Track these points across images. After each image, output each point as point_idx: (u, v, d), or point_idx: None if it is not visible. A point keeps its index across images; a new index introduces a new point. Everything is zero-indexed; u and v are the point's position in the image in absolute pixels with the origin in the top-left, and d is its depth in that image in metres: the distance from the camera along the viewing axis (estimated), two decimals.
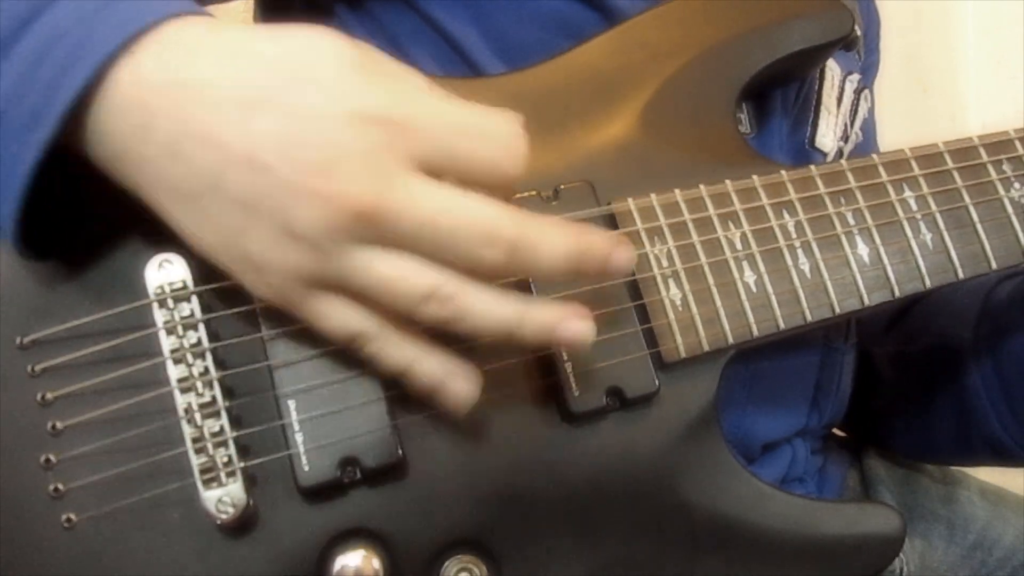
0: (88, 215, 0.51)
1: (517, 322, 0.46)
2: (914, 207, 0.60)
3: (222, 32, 0.45)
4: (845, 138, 0.76)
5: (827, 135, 0.73)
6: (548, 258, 0.45)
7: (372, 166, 0.43)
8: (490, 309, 0.46)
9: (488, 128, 0.45)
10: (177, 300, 0.50)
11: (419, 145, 0.44)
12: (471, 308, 0.45)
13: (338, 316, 0.46)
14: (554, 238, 0.45)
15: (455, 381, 0.48)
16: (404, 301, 0.45)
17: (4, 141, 0.44)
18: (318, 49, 0.44)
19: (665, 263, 0.56)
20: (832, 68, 0.74)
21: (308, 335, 0.51)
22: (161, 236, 0.50)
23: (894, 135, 0.88)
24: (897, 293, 0.59)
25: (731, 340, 0.56)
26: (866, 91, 0.80)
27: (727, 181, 0.58)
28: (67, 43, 0.44)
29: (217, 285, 0.51)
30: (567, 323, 0.47)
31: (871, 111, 0.82)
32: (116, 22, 0.44)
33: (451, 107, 0.45)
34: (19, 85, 0.44)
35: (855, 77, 0.77)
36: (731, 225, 0.58)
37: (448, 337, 0.49)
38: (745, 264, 0.57)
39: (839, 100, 0.75)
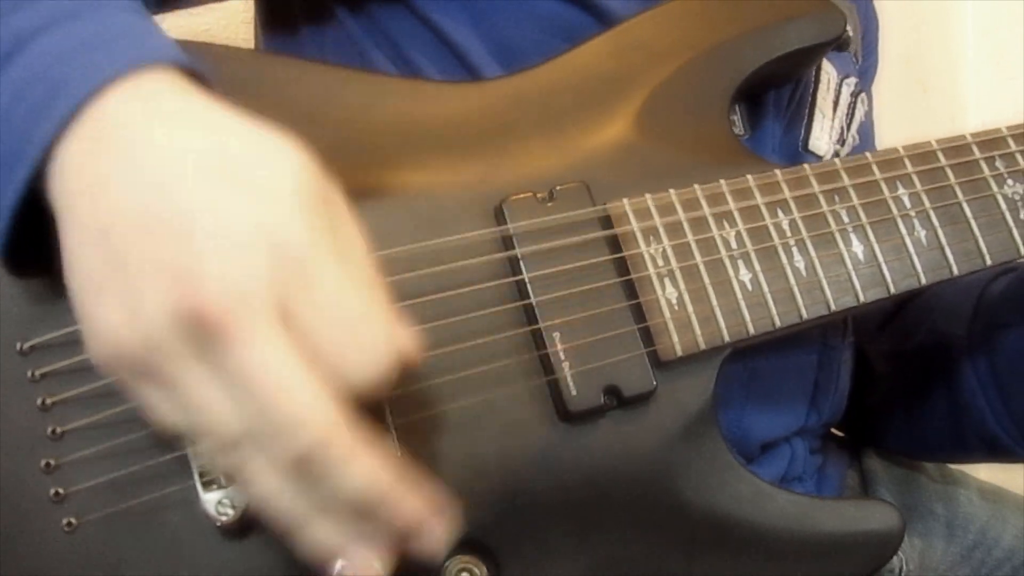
0: None
1: (301, 522, 0.42)
2: (908, 204, 0.61)
3: (196, 101, 0.43)
4: (841, 141, 0.76)
5: (821, 138, 0.73)
6: (347, 480, 0.40)
7: (246, 284, 0.39)
8: (284, 487, 0.41)
9: (366, 330, 0.41)
10: None
11: (298, 298, 0.40)
12: (268, 478, 0.41)
13: (158, 408, 0.42)
14: (364, 465, 0.40)
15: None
16: (206, 436, 0.41)
17: None
18: (281, 163, 0.42)
19: (660, 262, 0.57)
20: (828, 71, 0.74)
21: None
22: None
23: (894, 135, 0.88)
24: (892, 290, 0.59)
25: (727, 338, 0.57)
26: (863, 94, 0.80)
27: (722, 181, 0.59)
28: (44, 83, 0.43)
29: None
30: (354, 553, 0.42)
31: (868, 114, 0.82)
32: (91, 67, 0.43)
33: (355, 288, 0.41)
34: (1, 121, 0.43)
35: (852, 80, 0.78)
36: (726, 224, 0.58)
37: (446, 336, 0.49)
38: (740, 262, 0.58)
39: (835, 103, 0.75)
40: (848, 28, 0.65)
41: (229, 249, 0.39)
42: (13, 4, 0.45)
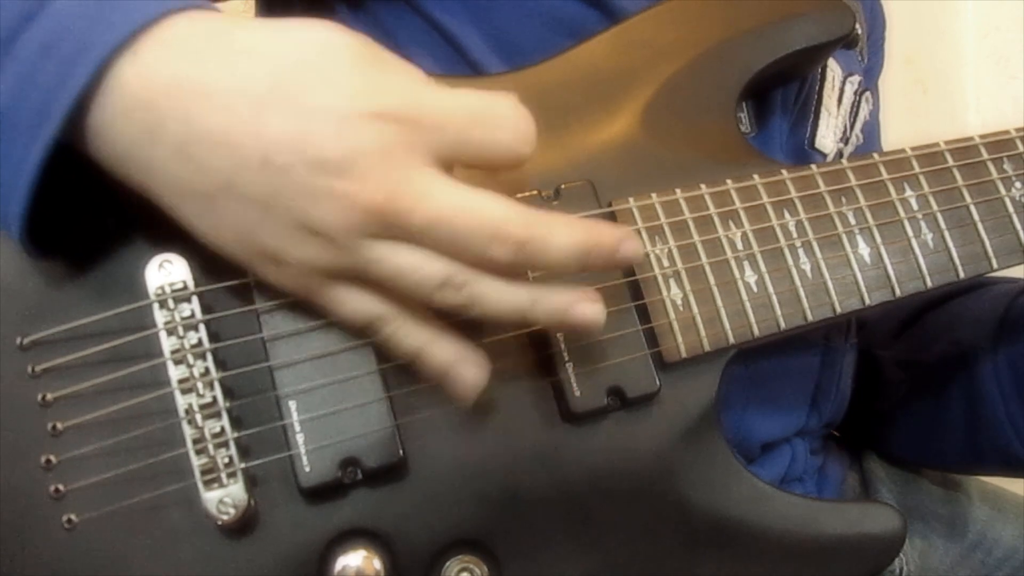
0: (89, 215, 0.51)
1: (529, 305, 0.48)
2: (915, 206, 0.60)
3: (228, 28, 0.45)
4: (845, 140, 0.76)
5: (827, 136, 0.73)
6: (557, 253, 0.46)
7: (386, 164, 0.43)
8: (503, 293, 0.47)
9: (496, 113, 0.46)
10: (178, 301, 0.50)
11: (432, 139, 0.45)
12: (485, 293, 0.46)
13: (354, 303, 0.48)
14: (562, 233, 0.46)
15: (464, 366, 0.49)
16: (420, 289, 0.46)
17: (9, 139, 0.44)
18: (326, 45, 0.45)
19: (666, 263, 0.56)
20: (833, 69, 0.74)
21: (309, 336, 0.51)
22: (161, 237, 0.50)
23: (895, 135, 0.88)
24: (898, 292, 0.59)
25: (732, 340, 0.56)
26: (867, 92, 0.80)
27: (728, 180, 0.58)
28: (69, 40, 0.43)
29: (218, 285, 0.51)
30: (578, 306, 0.48)
31: (872, 113, 0.82)
32: (119, 18, 0.44)
33: (458, 98, 0.46)
34: (22, 83, 0.44)
35: (856, 78, 0.77)
36: (732, 224, 0.58)
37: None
38: (746, 264, 0.57)
39: (839, 101, 0.75)
40: (857, 26, 0.65)
41: (355, 144, 0.43)
42: None
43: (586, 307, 0.48)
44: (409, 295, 0.47)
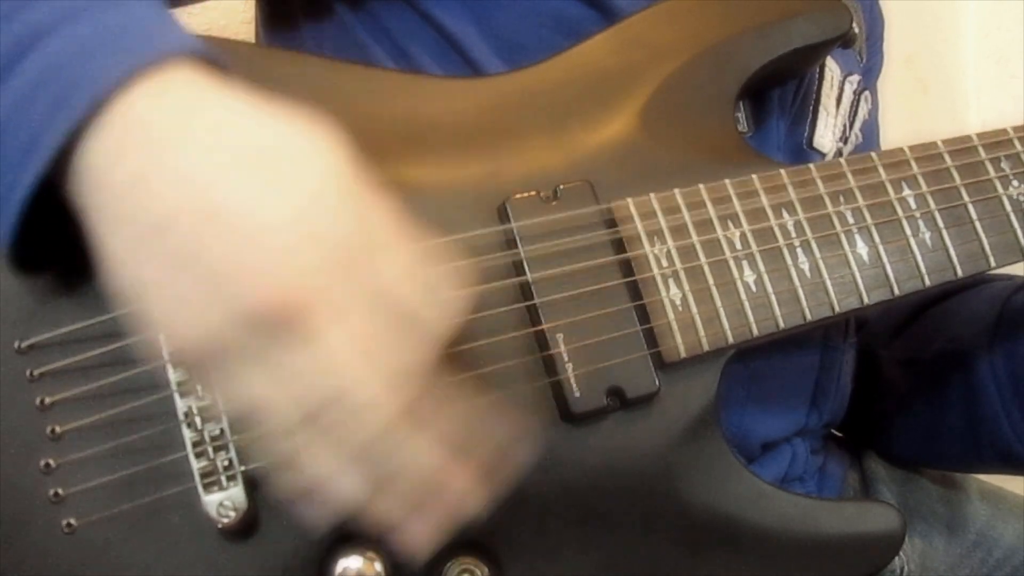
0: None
1: (373, 491, 0.44)
2: (913, 205, 0.60)
3: (224, 91, 0.44)
4: (844, 139, 0.76)
5: (825, 135, 0.73)
6: (403, 465, 0.44)
7: (320, 273, 0.41)
8: (346, 468, 0.44)
9: (437, 282, 0.44)
10: None
11: (369, 272, 0.42)
12: (329, 460, 0.43)
13: (232, 387, 0.44)
14: (425, 447, 0.44)
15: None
16: (271, 419, 0.43)
17: (1, 165, 0.44)
18: (314, 145, 0.43)
19: (665, 263, 0.56)
20: (832, 68, 0.74)
21: None
22: None
23: (894, 135, 0.88)
24: (896, 291, 0.59)
25: (731, 340, 0.56)
26: (866, 92, 0.80)
27: (726, 180, 0.58)
28: (63, 77, 0.43)
29: None
30: (413, 525, 0.45)
31: (871, 112, 0.82)
32: (114, 59, 0.43)
33: (411, 252, 0.44)
34: (14, 116, 0.43)
35: (855, 78, 0.77)
36: (730, 225, 0.58)
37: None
38: (745, 263, 0.57)
39: (838, 101, 0.75)
40: (854, 25, 0.65)
41: (296, 242, 0.41)
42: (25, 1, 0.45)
43: (418, 530, 0.45)
44: (253, 418, 0.43)
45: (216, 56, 0.46)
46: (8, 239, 0.45)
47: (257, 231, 0.41)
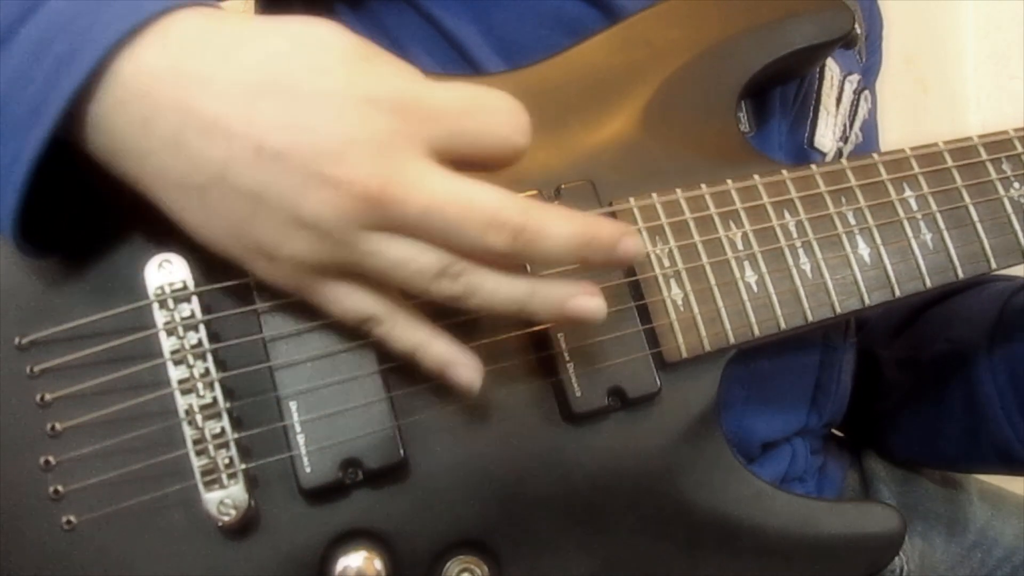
0: (88, 214, 0.51)
1: (527, 296, 0.47)
2: (914, 206, 0.60)
3: (226, 22, 0.45)
4: (844, 139, 0.76)
5: (826, 135, 0.73)
6: (554, 244, 0.46)
7: (379, 153, 0.43)
8: (500, 283, 0.47)
9: (489, 104, 0.46)
10: (177, 301, 0.50)
11: (425, 129, 0.44)
12: (482, 283, 0.46)
13: (350, 300, 0.47)
14: (559, 224, 0.46)
15: (457, 369, 0.49)
16: (415, 280, 0.46)
17: (4, 134, 0.44)
18: (323, 37, 0.44)
19: (667, 263, 0.56)
20: (832, 68, 0.74)
21: (309, 336, 0.51)
22: (161, 236, 0.50)
23: (894, 135, 0.88)
24: (898, 293, 0.59)
25: (732, 340, 0.56)
26: (866, 92, 0.80)
27: (728, 180, 0.58)
28: (68, 35, 0.43)
29: (218, 285, 0.51)
30: (577, 298, 0.48)
31: (871, 112, 0.82)
32: (117, 13, 0.43)
33: (452, 90, 0.46)
34: (19, 77, 0.44)
35: (855, 77, 0.77)
36: (732, 224, 0.58)
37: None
38: (746, 264, 0.57)
39: (838, 100, 0.75)
40: (856, 25, 0.65)
41: (350, 132, 0.43)
42: None
43: (585, 300, 0.48)
44: (405, 287, 0.46)
45: (215, 5, 0.46)
46: (14, 208, 0.45)
47: (305, 139, 0.42)
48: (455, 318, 0.50)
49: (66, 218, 0.50)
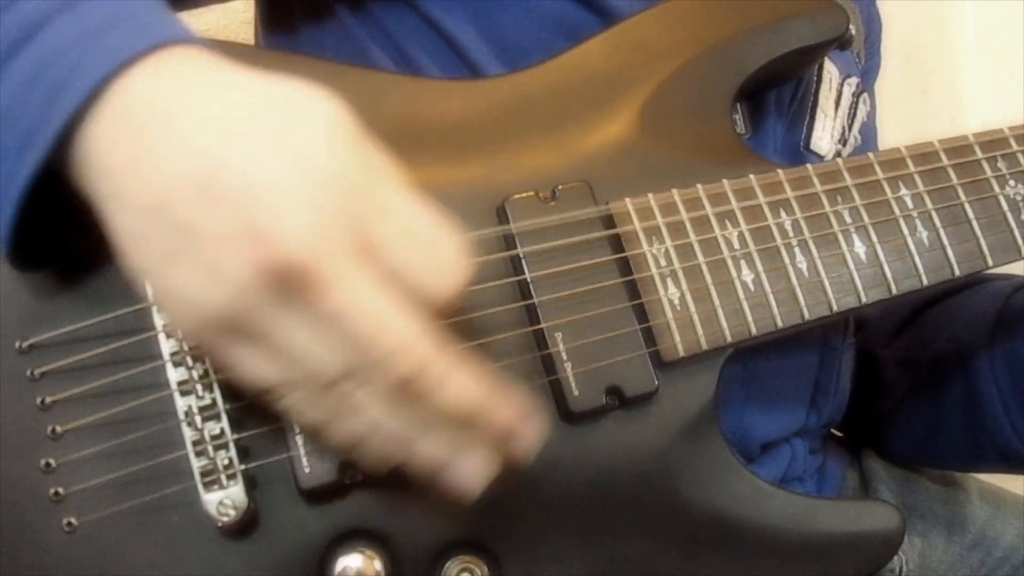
0: (87, 218, 0.51)
1: (417, 435, 0.45)
2: (910, 205, 0.61)
3: (220, 68, 0.44)
4: (843, 141, 0.76)
5: (823, 138, 0.73)
6: (446, 401, 0.43)
7: (320, 225, 0.40)
8: (393, 413, 0.44)
9: (440, 246, 0.44)
10: None
11: (371, 224, 0.42)
12: (373, 406, 0.44)
13: (254, 365, 0.44)
14: (462, 384, 0.44)
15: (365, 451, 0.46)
16: (309, 377, 0.43)
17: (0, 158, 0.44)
18: (312, 104, 0.43)
19: (663, 262, 0.56)
20: (830, 70, 0.74)
21: None
22: None
23: (894, 135, 0.88)
24: (894, 291, 0.59)
25: (729, 339, 0.57)
26: (865, 94, 0.80)
27: (724, 180, 0.59)
28: (61, 66, 0.43)
29: None
30: (458, 467, 0.46)
31: (870, 115, 0.82)
32: (112, 47, 0.43)
33: (417, 211, 0.44)
34: (11, 107, 0.44)
35: (854, 80, 0.78)
36: (728, 224, 0.58)
37: (447, 337, 0.49)
38: (743, 263, 0.58)
39: (837, 103, 0.75)
40: (851, 27, 0.65)
41: (295, 197, 0.40)
42: None
43: (469, 466, 0.46)
44: (296, 382, 0.44)
45: (208, 45, 0.46)
46: (8, 232, 0.45)
47: (255, 188, 0.40)
48: (447, 319, 0.50)
49: (63, 225, 0.50)
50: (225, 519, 0.49)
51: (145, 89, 0.43)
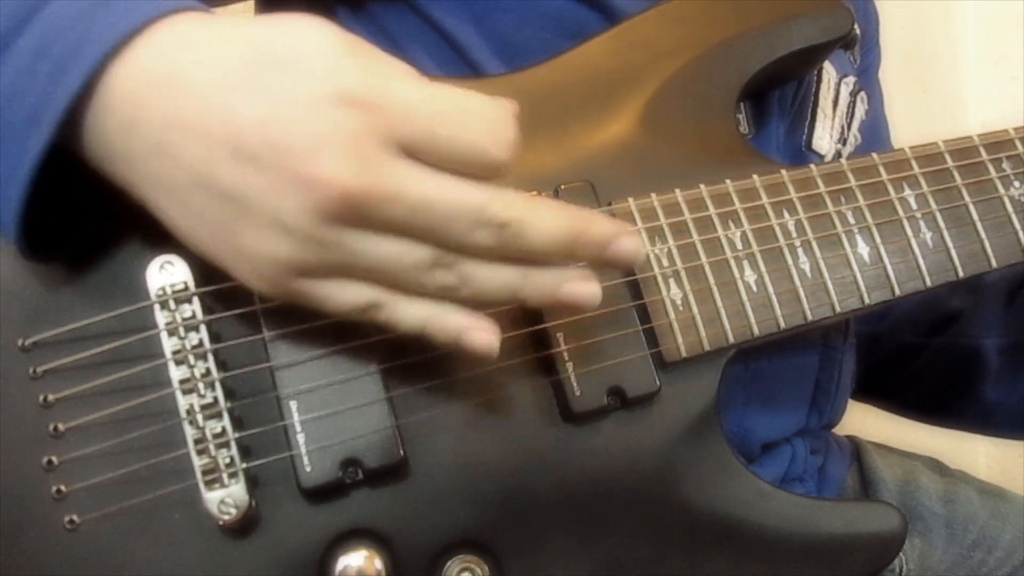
0: (89, 217, 0.51)
1: (520, 282, 0.47)
2: (914, 206, 0.61)
3: (213, 24, 0.45)
4: (843, 140, 0.76)
5: (823, 137, 0.73)
6: (540, 238, 0.45)
7: (355, 150, 0.42)
8: (493, 272, 0.46)
9: (472, 112, 0.44)
10: (179, 301, 0.50)
11: (398, 129, 0.43)
12: (474, 272, 0.46)
13: (344, 294, 0.46)
14: (546, 219, 0.45)
15: (472, 334, 0.47)
16: (408, 275, 0.45)
17: (4, 141, 0.44)
18: (306, 33, 0.44)
19: (666, 263, 0.56)
20: (828, 70, 0.74)
21: (310, 336, 0.51)
22: (162, 237, 0.50)
23: (894, 135, 0.88)
24: (897, 292, 0.59)
25: (732, 339, 0.57)
26: (862, 93, 0.80)
27: (727, 181, 0.59)
28: (65, 41, 0.43)
29: (218, 286, 0.51)
30: (570, 284, 0.47)
31: (868, 113, 0.82)
32: (113, 19, 0.44)
33: (436, 92, 0.44)
34: (17, 84, 0.44)
35: (850, 80, 0.78)
36: (731, 224, 0.58)
37: None
38: (745, 263, 0.57)
39: (835, 103, 0.75)
40: (855, 26, 0.65)
41: (319, 129, 0.42)
42: None
43: (579, 285, 0.47)
44: (397, 282, 0.46)
45: (207, 9, 0.46)
46: (17, 213, 0.45)
47: (282, 138, 0.42)
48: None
49: (68, 221, 0.50)
50: (226, 518, 0.49)
51: (145, 66, 0.43)
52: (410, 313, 0.47)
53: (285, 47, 0.43)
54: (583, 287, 0.47)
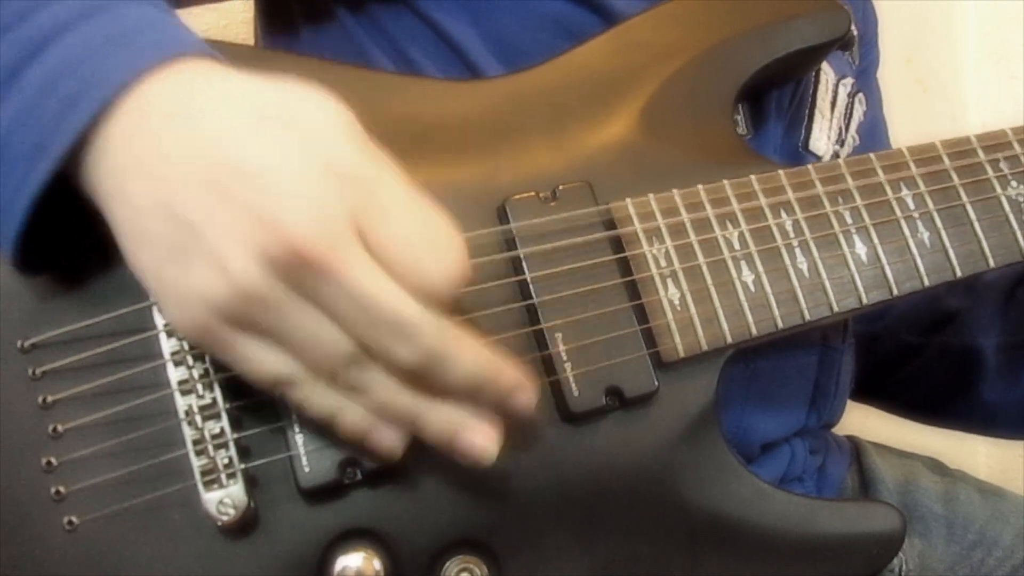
0: (89, 218, 0.52)
1: (421, 413, 0.47)
2: (911, 206, 0.61)
3: (229, 76, 0.45)
4: (841, 142, 0.76)
5: (821, 139, 0.73)
6: (458, 374, 0.45)
7: (325, 216, 0.42)
8: (398, 392, 0.46)
9: (444, 237, 0.45)
10: None
11: (373, 219, 0.43)
12: (383, 385, 0.45)
13: (263, 360, 0.45)
14: (468, 359, 0.45)
15: (374, 435, 0.48)
16: (327, 360, 0.44)
17: (7, 168, 0.45)
18: (319, 104, 0.44)
19: (663, 263, 0.56)
20: (826, 72, 0.75)
21: None
22: None
23: (894, 135, 0.88)
24: (895, 292, 0.59)
25: (730, 339, 0.57)
26: (860, 94, 0.80)
27: (725, 181, 0.59)
28: (75, 76, 0.44)
29: None
30: (470, 434, 0.47)
31: (867, 113, 0.82)
32: (125, 59, 0.44)
33: (418, 203, 0.45)
34: (25, 115, 0.44)
35: (848, 81, 0.78)
36: (729, 225, 0.58)
37: None
38: (743, 263, 0.58)
39: (833, 104, 0.75)
40: (853, 27, 0.65)
41: (298, 184, 0.42)
42: (37, 2, 0.45)
43: (477, 437, 0.47)
44: (317, 365, 0.45)
45: (220, 56, 0.47)
46: (15, 238, 0.45)
47: (260, 179, 0.42)
48: (454, 318, 0.50)
49: (66, 226, 0.51)
50: (225, 518, 0.49)
51: (156, 99, 0.44)
52: (323, 401, 0.46)
53: (295, 112, 0.43)
54: (481, 442, 0.47)
